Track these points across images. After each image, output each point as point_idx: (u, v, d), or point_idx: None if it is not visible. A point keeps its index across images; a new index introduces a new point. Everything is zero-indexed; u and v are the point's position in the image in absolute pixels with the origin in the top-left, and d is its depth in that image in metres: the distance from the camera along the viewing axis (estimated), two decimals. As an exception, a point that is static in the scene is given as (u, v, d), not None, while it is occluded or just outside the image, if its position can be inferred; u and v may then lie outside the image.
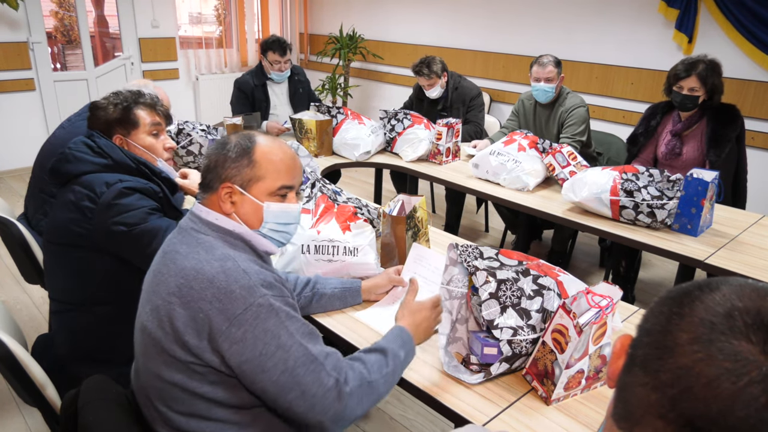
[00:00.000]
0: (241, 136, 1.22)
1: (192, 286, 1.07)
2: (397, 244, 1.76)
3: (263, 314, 1.05)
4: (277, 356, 1.05)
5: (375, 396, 1.15)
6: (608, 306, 1.20)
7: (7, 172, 5.02)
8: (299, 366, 1.05)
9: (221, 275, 1.07)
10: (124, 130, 1.75)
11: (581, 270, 3.53)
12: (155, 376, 1.12)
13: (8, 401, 2.29)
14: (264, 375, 1.05)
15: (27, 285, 3.06)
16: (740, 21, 3.55)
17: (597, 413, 1.23)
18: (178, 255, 1.13)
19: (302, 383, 1.05)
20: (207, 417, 1.11)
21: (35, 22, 4.86)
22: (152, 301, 1.12)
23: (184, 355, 1.08)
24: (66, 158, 1.64)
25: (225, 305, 1.05)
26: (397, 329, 1.30)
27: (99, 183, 1.59)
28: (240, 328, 1.04)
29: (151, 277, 1.17)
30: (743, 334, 0.47)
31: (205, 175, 1.21)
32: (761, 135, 3.65)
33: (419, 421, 2.23)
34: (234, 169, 1.18)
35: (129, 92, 1.79)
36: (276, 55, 3.59)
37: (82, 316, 1.62)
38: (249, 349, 1.04)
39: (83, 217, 1.57)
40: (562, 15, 4.44)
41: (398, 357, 1.21)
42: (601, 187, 2.26)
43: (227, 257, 1.11)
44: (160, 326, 1.09)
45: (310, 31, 6.69)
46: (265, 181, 1.20)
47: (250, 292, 1.06)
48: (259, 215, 1.22)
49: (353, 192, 2.57)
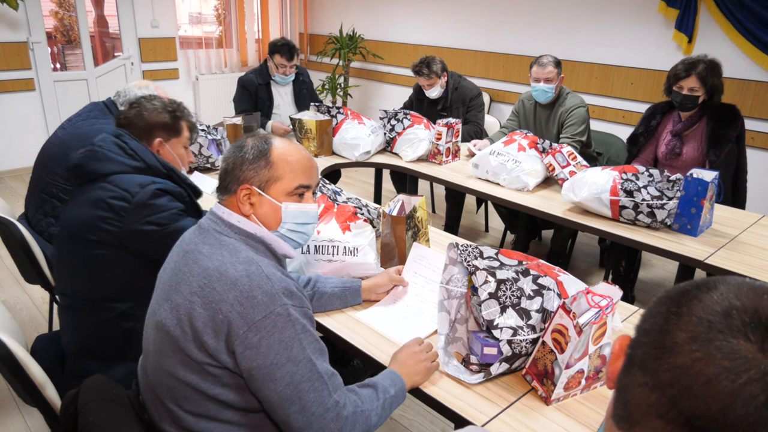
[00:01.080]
0: (257, 139, 1.24)
1: (214, 287, 1.08)
2: (397, 244, 1.76)
3: (281, 324, 1.07)
4: (286, 368, 1.06)
5: (366, 426, 1.15)
6: (608, 306, 1.20)
7: (7, 172, 5.02)
8: (305, 381, 1.07)
9: (245, 279, 1.08)
10: (167, 135, 1.80)
11: (581, 270, 3.54)
12: (169, 375, 1.12)
13: (8, 401, 2.29)
14: (270, 384, 1.06)
15: (27, 285, 3.06)
16: (740, 21, 3.55)
17: (597, 413, 1.23)
18: (201, 255, 1.14)
19: (304, 399, 1.07)
20: (216, 418, 1.12)
21: (35, 22, 4.86)
22: (172, 300, 1.12)
23: (200, 355, 1.08)
24: (96, 156, 1.64)
25: (246, 309, 1.06)
26: (388, 371, 1.30)
27: (132, 184, 1.62)
28: (257, 334, 1.05)
29: (170, 275, 1.17)
30: (741, 332, 0.47)
31: (224, 178, 1.23)
32: (761, 135, 3.65)
33: (419, 421, 2.23)
34: (252, 171, 1.20)
35: (177, 102, 1.85)
36: (283, 59, 3.58)
37: (96, 312, 1.62)
38: (261, 357, 1.05)
39: (115, 216, 1.59)
40: (562, 15, 4.44)
41: (388, 392, 1.23)
42: (600, 187, 2.26)
43: (251, 261, 1.12)
44: (179, 325, 1.09)
45: (310, 31, 6.70)
46: (283, 182, 1.22)
47: (271, 299, 1.07)
48: (277, 216, 1.24)
49: (353, 192, 2.58)
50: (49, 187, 2.26)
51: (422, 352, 1.33)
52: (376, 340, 1.47)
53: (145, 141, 1.75)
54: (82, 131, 2.29)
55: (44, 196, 2.26)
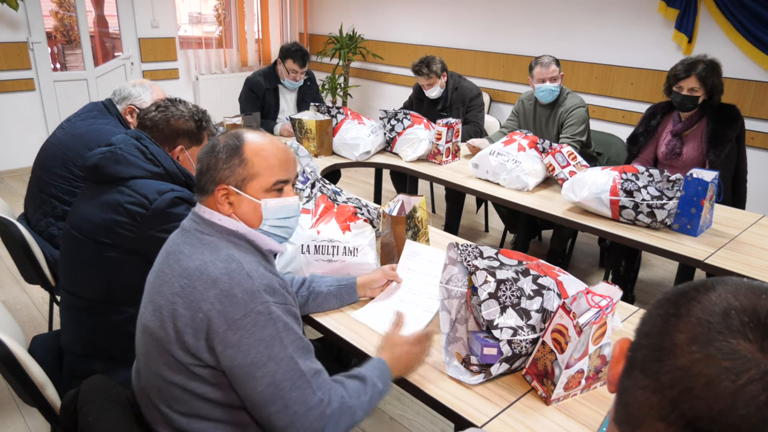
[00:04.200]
0: (229, 136, 1.20)
1: (195, 287, 1.07)
2: (397, 244, 1.76)
3: (261, 322, 1.05)
4: (267, 367, 1.05)
5: (351, 421, 1.14)
6: (608, 306, 1.20)
7: (7, 172, 5.02)
8: (286, 380, 1.05)
9: (225, 277, 1.07)
10: (189, 142, 1.78)
11: (581, 270, 3.54)
12: (157, 376, 1.12)
13: (8, 401, 2.29)
14: (251, 383, 1.05)
15: (27, 285, 3.06)
16: (740, 21, 3.55)
17: (597, 413, 1.23)
18: (182, 255, 1.13)
19: (286, 398, 1.05)
20: (207, 417, 1.12)
21: (35, 22, 4.86)
22: (155, 302, 1.12)
23: (183, 356, 1.08)
24: (116, 158, 1.62)
25: (226, 308, 1.05)
26: (376, 360, 1.28)
27: (151, 190, 1.59)
28: (236, 333, 1.04)
29: (154, 278, 1.17)
30: (740, 332, 0.47)
31: (200, 179, 1.20)
32: (761, 135, 3.65)
33: (419, 421, 2.23)
34: (227, 171, 1.17)
35: (202, 110, 1.83)
36: (296, 65, 3.55)
37: (104, 314, 1.61)
38: (241, 356, 1.04)
39: (131, 221, 1.57)
40: (562, 15, 4.44)
41: (376, 387, 1.21)
42: (600, 187, 2.26)
43: (232, 258, 1.11)
44: (162, 327, 1.09)
45: (310, 31, 6.70)
46: (260, 179, 1.19)
47: (252, 297, 1.06)
48: (258, 213, 1.21)
49: (353, 192, 2.57)
50: (49, 187, 2.25)
51: (416, 345, 1.32)
52: (374, 338, 1.47)
53: (166, 146, 1.73)
54: (81, 131, 2.28)
55: (43, 196, 2.26)
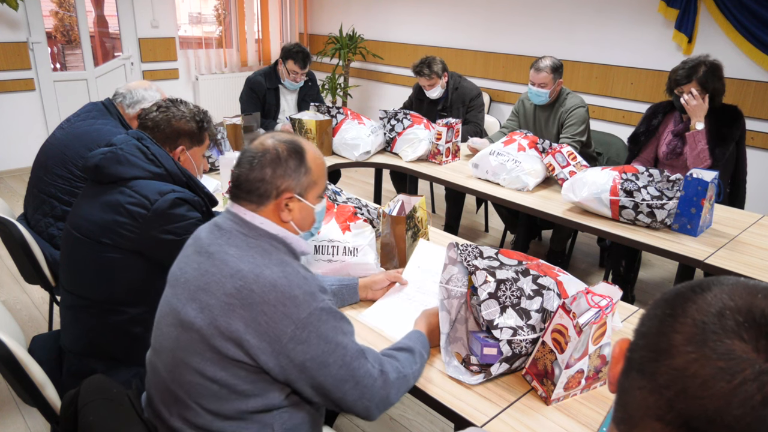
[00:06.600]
0: (289, 143, 1.24)
1: (253, 290, 1.10)
2: (397, 244, 1.77)
3: (324, 317, 1.13)
4: (336, 353, 1.13)
5: (407, 387, 1.26)
6: (608, 306, 1.20)
7: (7, 172, 5.02)
8: (354, 360, 1.14)
9: (283, 280, 1.12)
10: (190, 143, 1.79)
11: (581, 270, 3.54)
12: (194, 372, 1.12)
13: (8, 401, 2.29)
14: (325, 369, 1.12)
15: (27, 285, 3.06)
16: (740, 21, 3.55)
17: (597, 413, 1.23)
18: (229, 256, 1.15)
19: (356, 375, 1.14)
20: (233, 417, 1.14)
21: (35, 22, 4.86)
22: (201, 300, 1.13)
23: (238, 353, 1.10)
24: (118, 159, 1.62)
25: (289, 309, 1.10)
26: (417, 333, 1.39)
27: (152, 191, 1.60)
28: (305, 330, 1.10)
29: (197, 274, 1.16)
30: (735, 332, 0.47)
31: (258, 186, 1.21)
32: (761, 135, 3.65)
33: (419, 421, 2.23)
34: (293, 179, 1.23)
35: (203, 111, 1.85)
36: (297, 66, 3.55)
37: (106, 314, 1.61)
38: (313, 348, 1.11)
39: (133, 222, 1.58)
40: (562, 15, 4.44)
41: (423, 356, 1.33)
42: (600, 187, 2.26)
43: (285, 262, 1.16)
44: (214, 324, 1.10)
45: (310, 31, 6.70)
46: (317, 186, 1.28)
47: (312, 296, 1.13)
48: (311, 218, 1.31)
49: (353, 192, 2.58)
50: (48, 187, 2.26)
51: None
52: (376, 340, 1.48)
53: (167, 146, 1.74)
54: (80, 131, 2.29)
55: (43, 196, 2.26)
